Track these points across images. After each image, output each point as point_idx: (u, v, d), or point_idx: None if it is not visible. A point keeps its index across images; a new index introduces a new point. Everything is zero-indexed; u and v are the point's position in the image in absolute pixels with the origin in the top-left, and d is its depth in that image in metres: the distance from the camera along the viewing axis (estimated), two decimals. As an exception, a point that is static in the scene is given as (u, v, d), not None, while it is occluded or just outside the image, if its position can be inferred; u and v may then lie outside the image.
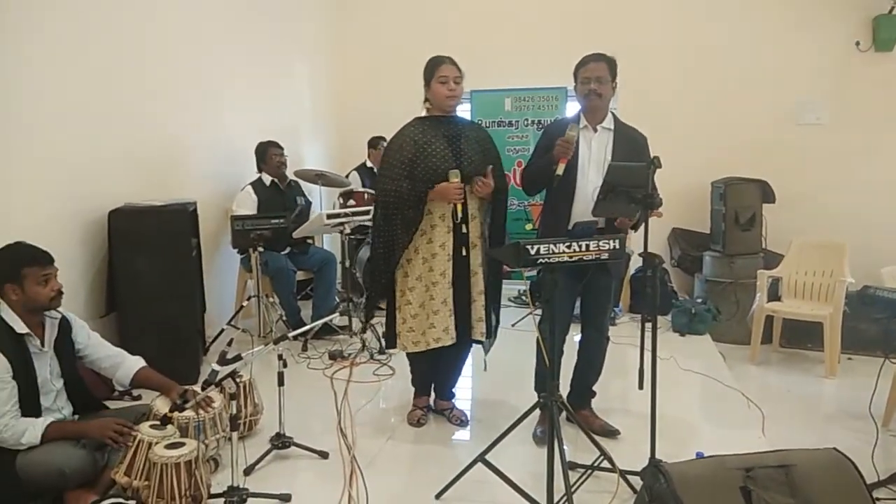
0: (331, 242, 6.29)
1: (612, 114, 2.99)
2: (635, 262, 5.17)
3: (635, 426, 3.14)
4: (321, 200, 5.28)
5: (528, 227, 5.37)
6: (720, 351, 4.57)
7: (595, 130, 2.93)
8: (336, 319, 4.20)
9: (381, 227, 3.04)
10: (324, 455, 2.89)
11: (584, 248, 2.14)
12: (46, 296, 2.44)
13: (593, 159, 2.90)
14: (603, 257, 2.17)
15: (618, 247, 2.18)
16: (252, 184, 4.74)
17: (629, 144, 2.89)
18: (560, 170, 2.77)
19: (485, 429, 3.16)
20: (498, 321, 3.25)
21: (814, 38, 5.64)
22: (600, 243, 2.16)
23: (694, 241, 5.72)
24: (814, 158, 5.64)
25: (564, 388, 2.93)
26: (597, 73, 2.85)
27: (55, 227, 3.37)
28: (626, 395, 3.63)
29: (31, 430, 2.30)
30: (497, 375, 3.64)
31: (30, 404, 2.38)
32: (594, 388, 3.23)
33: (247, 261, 4.62)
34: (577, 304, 3.17)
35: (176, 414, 2.53)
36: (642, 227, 2.41)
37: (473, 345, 3.21)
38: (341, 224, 4.47)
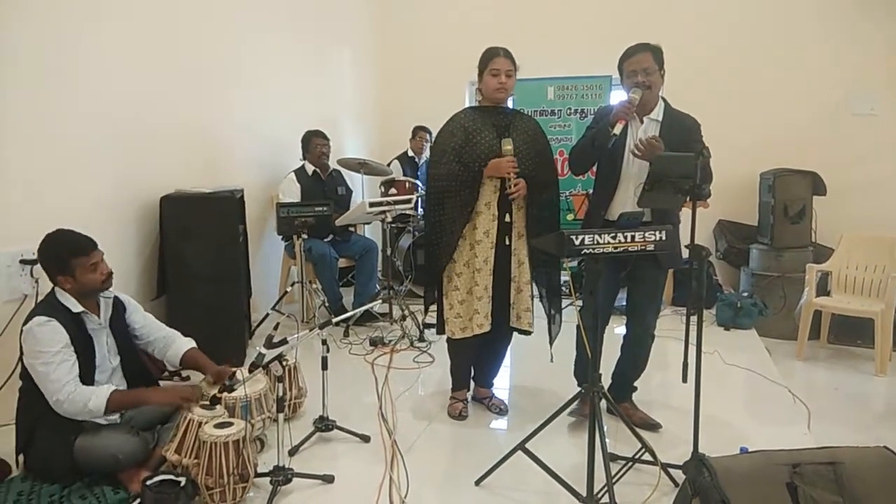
0: (371, 231, 6.36)
1: (664, 101, 2.89)
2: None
3: (675, 420, 3.12)
4: (363, 189, 5.33)
5: (570, 217, 5.33)
6: (765, 346, 4.48)
7: (641, 122, 2.87)
8: (377, 306, 4.25)
9: (436, 212, 3.02)
10: (366, 439, 2.94)
11: (629, 239, 2.12)
12: (98, 280, 2.50)
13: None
14: (649, 248, 2.15)
15: (664, 238, 2.15)
16: (295, 171, 4.82)
17: (677, 134, 2.78)
18: (618, 129, 2.66)
19: (524, 417, 3.17)
20: (559, 312, 3.24)
21: (869, 27, 5.44)
22: (646, 234, 2.13)
23: (741, 234, 5.61)
24: (867, 150, 5.46)
25: (605, 381, 2.91)
26: (643, 65, 2.77)
27: (110, 213, 3.49)
28: (667, 388, 3.59)
29: (96, 398, 2.37)
30: (537, 365, 3.64)
31: (87, 378, 2.46)
32: (635, 383, 3.20)
33: (291, 247, 4.71)
34: (620, 296, 3.14)
35: (224, 394, 2.60)
36: (688, 219, 2.38)
37: (516, 334, 3.20)
38: (383, 212, 4.52)
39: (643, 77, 2.75)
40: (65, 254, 2.45)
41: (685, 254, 2.48)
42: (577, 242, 2.08)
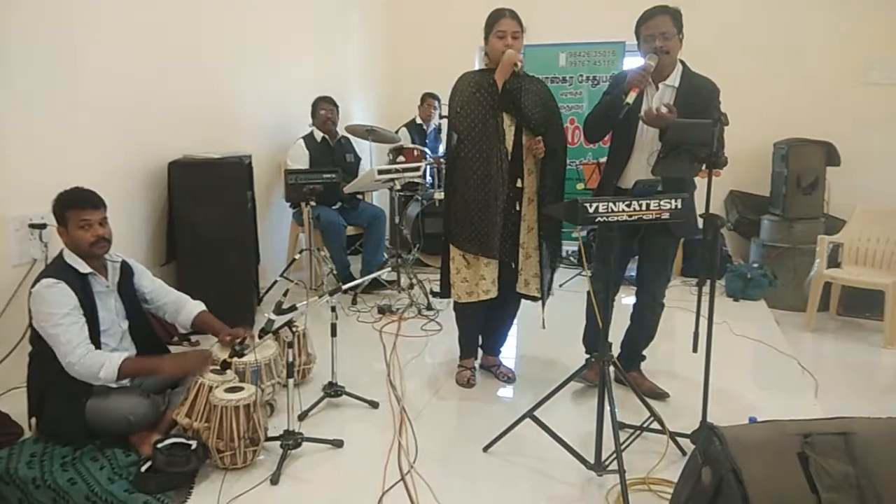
0: (379, 199, 6.33)
1: (682, 64, 2.81)
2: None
3: (683, 389, 3.13)
4: (371, 156, 5.29)
5: (580, 186, 5.28)
6: (774, 317, 4.47)
7: (657, 88, 2.80)
8: (385, 274, 4.25)
9: (464, 169, 2.92)
10: (374, 405, 2.96)
11: (644, 207, 2.09)
12: (86, 240, 2.45)
13: None
14: (664, 217, 2.12)
15: (679, 207, 2.12)
16: (304, 138, 4.79)
17: (694, 100, 2.71)
18: (631, 98, 2.60)
19: (531, 386, 3.18)
20: (552, 279, 3.22)
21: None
22: (661, 202, 2.10)
23: (752, 204, 5.56)
24: (882, 120, 5.36)
25: (614, 350, 2.91)
26: (661, 29, 2.68)
27: (119, 178, 3.48)
28: (674, 358, 3.59)
29: (108, 365, 2.37)
30: (545, 334, 3.64)
31: (94, 343, 2.45)
32: (644, 352, 3.20)
33: (299, 214, 4.69)
34: (631, 266, 3.12)
35: (234, 359, 2.61)
36: (704, 188, 2.34)
37: (525, 301, 3.19)
38: (392, 180, 4.48)
39: (661, 42, 2.67)
40: (64, 203, 2.46)
41: (700, 223, 2.45)
42: (591, 210, 2.05)
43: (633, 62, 5.92)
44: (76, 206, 2.45)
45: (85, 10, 3.21)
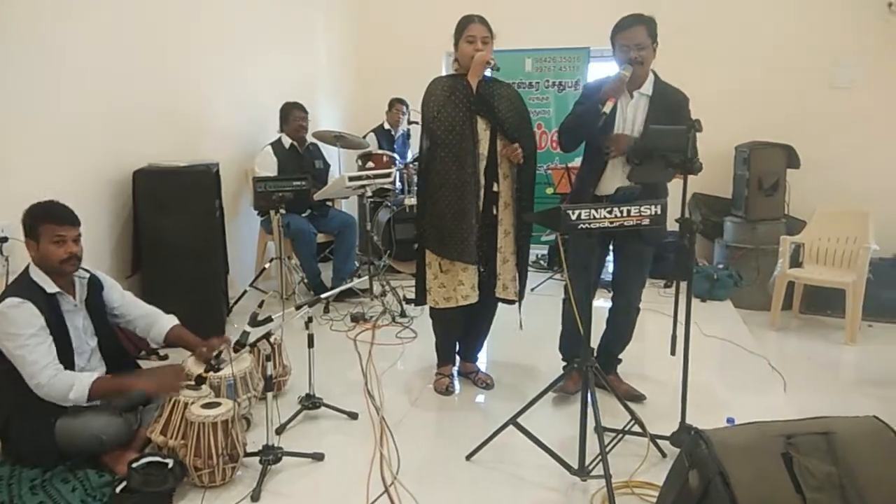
0: (348, 205, 6.27)
1: (654, 74, 2.86)
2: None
3: (656, 391, 3.18)
4: (340, 163, 5.23)
5: (550, 191, 5.32)
6: (741, 317, 4.57)
7: (631, 96, 2.84)
8: (358, 283, 4.21)
9: (438, 174, 2.91)
10: (353, 416, 2.92)
11: (625, 214, 2.11)
12: (57, 256, 2.37)
13: (627, 128, 2.83)
14: (644, 223, 2.15)
15: (659, 213, 2.15)
16: (272, 144, 4.71)
17: (666, 109, 2.78)
18: (607, 108, 2.63)
19: (510, 391, 3.19)
20: (524, 284, 3.23)
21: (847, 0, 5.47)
22: (641, 209, 2.13)
23: (715, 207, 5.67)
24: (841, 122, 5.51)
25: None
26: (636, 40, 2.71)
27: (81, 187, 3.36)
28: (644, 360, 3.62)
29: (78, 386, 2.29)
30: (519, 338, 3.65)
31: (65, 363, 2.38)
32: (620, 355, 3.23)
33: (267, 223, 4.62)
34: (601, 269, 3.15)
35: (210, 374, 2.55)
36: (680, 193, 2.38)
37: (501, 305, 3.19)
38: (363, 187, 4.44)
39: (636, 52, 2.71)
40: (38, 216, 2.38)
41: (671, 227, 2.49)
42: (573, 217, 2.06)
43: (597, 68, 6.03)
44: (52, 220, 2.38)
45: (45, 21, 3.10)
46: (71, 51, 3.25)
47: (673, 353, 2.52)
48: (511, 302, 3.13)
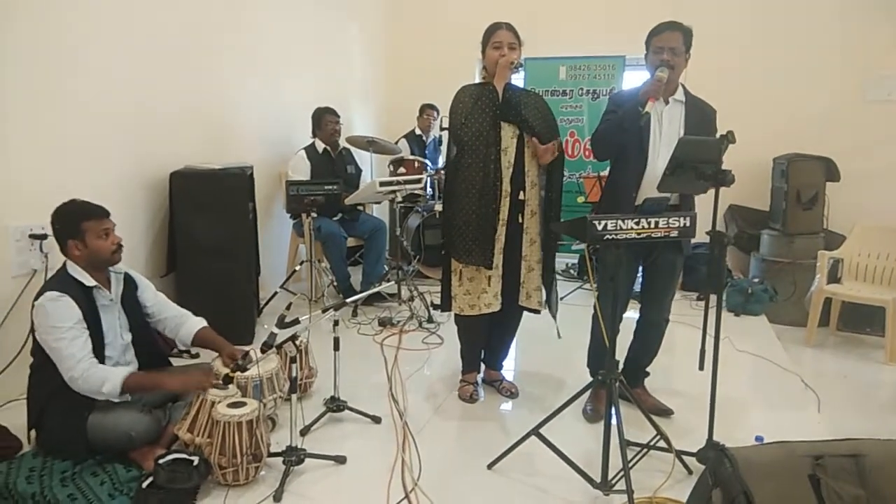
0: (379, 210, 6.32)
1: (683, 86, 2.85)
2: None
3: (685, 406, 3.11)
4: (371, 167, 5.28)
5: (580, 199, 5.29)
6: (775, 332, 4.46)
7: (666, 103, 2.81)
8: (386, 287, 4.24)
9: (464, 181, 2.91)
10: (377, 420, 2.93)
11: (652, 225, 2.09)
12: (108, 249, 2.48)
13: (664, 133, 2.78)
14: (672, 235, 2.11)
15: (688, 224, 2.12)
16: (305, 149, 4.77)
17: (700, 119, 2.77)
18: (649, 107, 2.59)
19: (534, 402, 3.16)
20: (556, 292, 3.20)
21: (885, 12, 5.33)
22: (670, 220, 2.10)
23: (752, 219, 5.56)
24: (882, 137, 5.39)
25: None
26: (670, 44, 2.70)
27: (119, 188, 3.46)
28: (674, 373, 3.57)
29: (111, 381, 2.34)
30: (546, 350, 3.63)
31: (97, 356, 2.43)
32: (647, 368, 3.18)
33: (299, 226, 4.68)
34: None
35: (237, 374, 2.58)
36: (711, 204, 2.33)
37: (532, 315, 3.17)
38: (393, 192, 4.47)
39: (669, 56, 2.69)
40: (77, 216, 2.44)
41: (702, 239, 2.44)
42: (599, 228, 2.04)
43: (633, 76, 5.98)
44: (93, 216, 2.46)
45: (85, 21, 3.20)
46: (109, 56, 3.35)
47: (701, 367, 2.47)
48: (535, 311, 3.11)
